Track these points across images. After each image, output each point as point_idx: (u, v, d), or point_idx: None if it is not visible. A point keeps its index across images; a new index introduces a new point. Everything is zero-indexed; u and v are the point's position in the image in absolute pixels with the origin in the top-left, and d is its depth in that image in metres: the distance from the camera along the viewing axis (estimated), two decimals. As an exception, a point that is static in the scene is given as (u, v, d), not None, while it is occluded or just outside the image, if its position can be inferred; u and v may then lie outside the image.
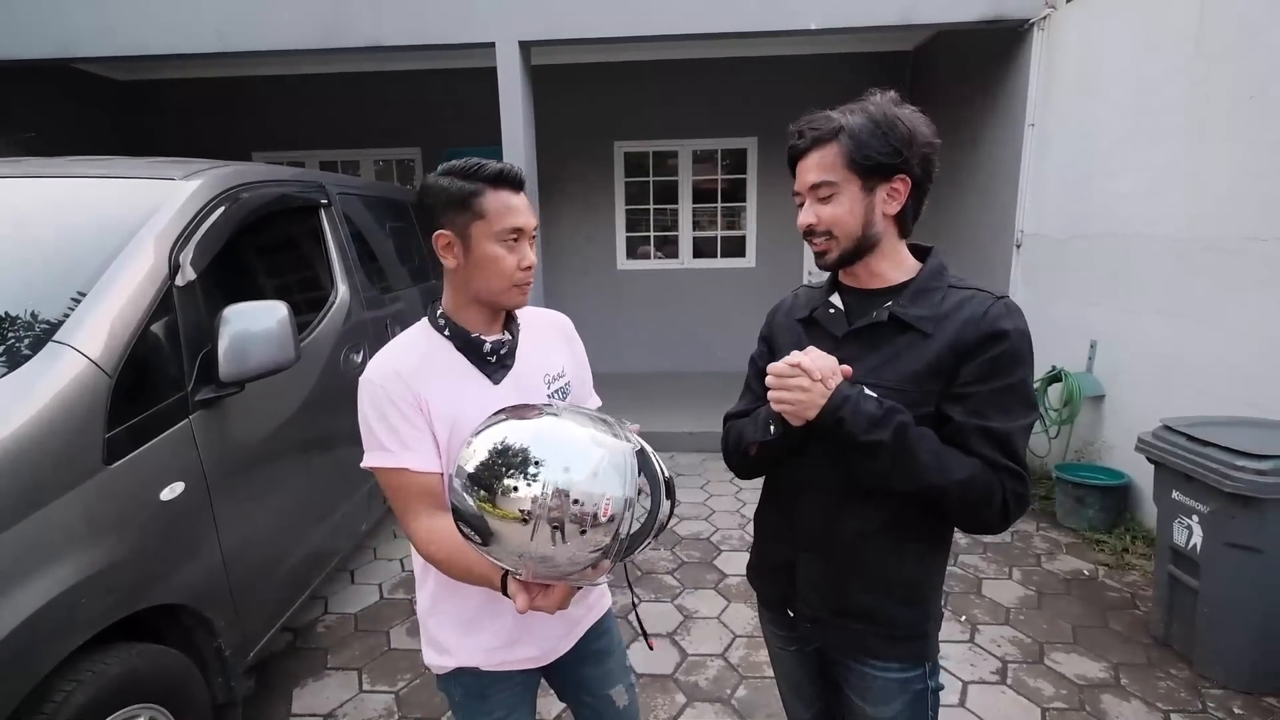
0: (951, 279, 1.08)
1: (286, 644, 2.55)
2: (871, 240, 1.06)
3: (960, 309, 1.03)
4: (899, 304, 1.06)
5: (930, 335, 1.03)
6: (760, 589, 1.31)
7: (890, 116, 1.02)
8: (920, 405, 1.03)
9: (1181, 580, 2.35)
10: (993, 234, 4.49)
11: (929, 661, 1.15)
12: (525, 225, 1.08)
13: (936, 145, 1.05)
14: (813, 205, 1.06)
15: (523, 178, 1.10)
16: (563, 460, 0.84)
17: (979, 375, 1.00)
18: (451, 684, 1.23)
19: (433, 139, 6.26)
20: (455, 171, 1.06)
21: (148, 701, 1.56)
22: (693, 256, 6.49)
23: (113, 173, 2.02)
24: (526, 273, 1.10)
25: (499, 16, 4.04)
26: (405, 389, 1.05)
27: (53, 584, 1.33)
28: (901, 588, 1.11)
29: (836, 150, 1.02)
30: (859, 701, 1.17)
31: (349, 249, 2.86)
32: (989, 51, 4.46)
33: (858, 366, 1.06)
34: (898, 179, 1.03)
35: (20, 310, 1.58)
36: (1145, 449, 2.45)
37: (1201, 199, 2.91)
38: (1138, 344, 3.27)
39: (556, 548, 0.84)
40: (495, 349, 1.13)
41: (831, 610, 1.14)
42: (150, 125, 6.34)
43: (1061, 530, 3.37)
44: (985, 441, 0.99)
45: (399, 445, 1.05)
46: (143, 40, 4.14)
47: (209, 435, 1.81)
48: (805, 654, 1.27)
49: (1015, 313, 1.03)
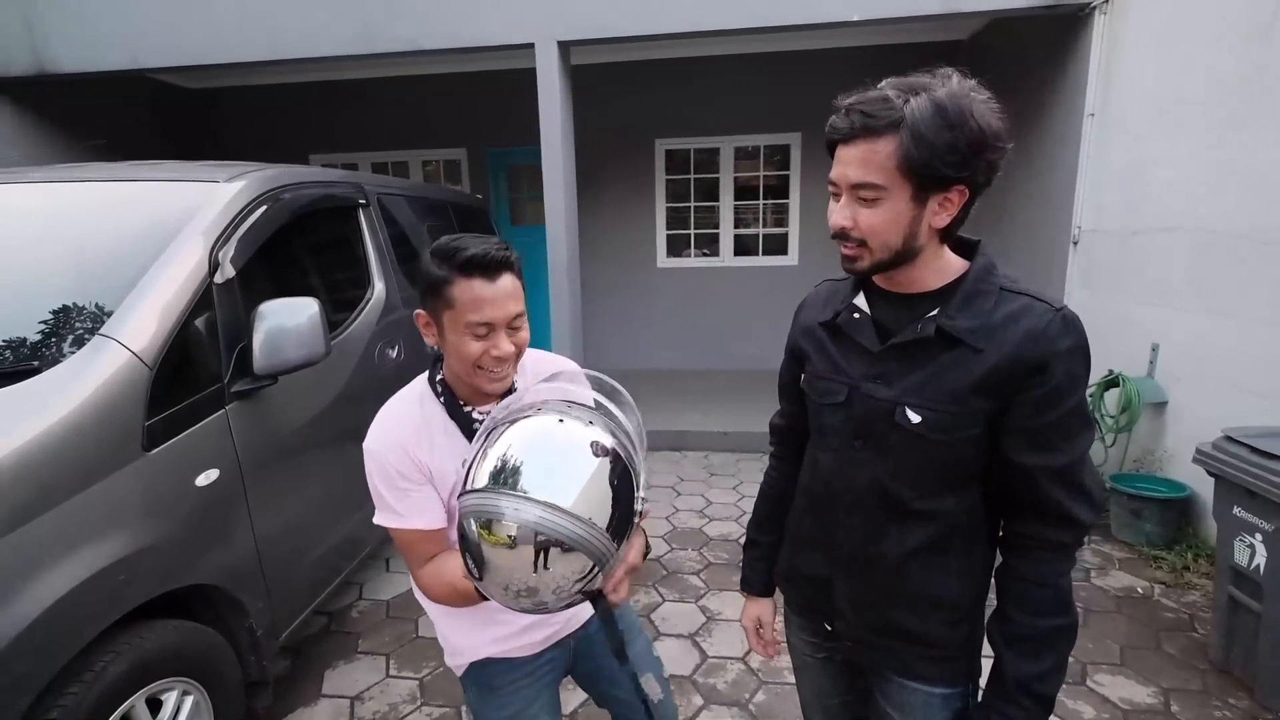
0: (1002, 279, 0.95)
1: (321, 627, 2.66)
2: (911, 254, 0.93)
3: (1015, 321, 0.91)
4: (946, 314, 0.93)
5: (981, 350, 0.91)
6: (791, 596, 1.24)
7: (965, 110, 0.83)
8: (966, 427, 0.93)
9: (1242, 603, 2.18)
10: (1048, 231, 4.27)
11: (972, 681, 1.10)
12: (494, 319, 1.01)
13: (1007, 148, 0.88)
14: (850, 205, 0.91)
15: (505, 261, 1.01)
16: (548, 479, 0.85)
17: (1042, 405, 0.90)
18: (468, 680, 1.26)
19: (477, 140, 6.40)
20: (436, 252, 1.02)
21: (182, 676, 1.65)
22: (734, 254, 6.43)
23: (163, 176, 2.14)
24: (496, 361, 1.04)
25: (537, 18, 4.09)
26: (406, 458, 1.07)
27: (92, 561, 1.42)
28: (946, 608, 1.04)
29: (892, 147, 0.85)
30: (895, 715, 1.11)
31: (386, 248, 2.95)
32: (1048, 39, 4.23)
33: (897, 384, 0.97)
34: (955, 189, 0.88)
35: (73, 304, 1.70)
36: (1204, 461, 2.28)
37: (1273, 193, 2.69)
38: (1203, 348, 3.05)
39: (539, 575, 0.85)
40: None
41: (872, 630, 1.08)
42: (217, 130, 6.70)
43: (1116, 544, 3.18)
44: (1052, 483, 0.92)
45: (408, 509, 1.08)
46: (203, 50, 4.38)
47: (244, 425, 1.89)
48: (835, 663, 1.22)
49: (1074, 327, 0.91)
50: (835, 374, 1.05)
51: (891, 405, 0.97)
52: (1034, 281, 0.98)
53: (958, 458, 0.96)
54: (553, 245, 4.34)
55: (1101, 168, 3.81)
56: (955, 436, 0.94)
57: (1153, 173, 3.36)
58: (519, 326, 1.06)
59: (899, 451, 0.98)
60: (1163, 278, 3.31)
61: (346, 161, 6.50)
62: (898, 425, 0.97)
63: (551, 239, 4.34)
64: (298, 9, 4.25)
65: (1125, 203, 3.58)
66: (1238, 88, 2.83)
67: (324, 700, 2.25)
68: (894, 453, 0.99)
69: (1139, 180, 3.47)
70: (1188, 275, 3.13)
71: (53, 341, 1.63)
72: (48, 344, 1.64)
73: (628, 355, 6.51)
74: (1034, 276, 4.38)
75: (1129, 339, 3.50)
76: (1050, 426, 0.91)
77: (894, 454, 0.99)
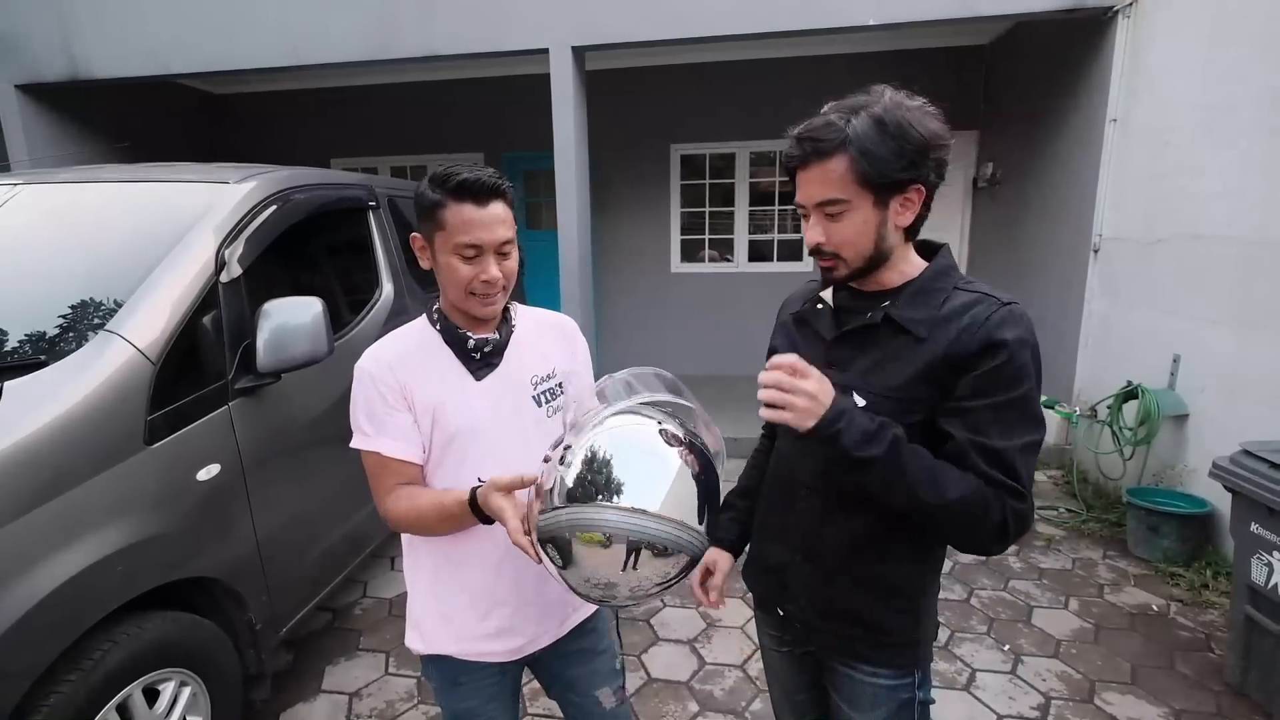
0: (959, 280, 1.00)
1: (325, 623, 2.69)
2: (884, 255, 0.99)
3: (961, 314, 0.96)
4: (894, 305, 0.99)
5: (924, 339, 0.96)
6: (754, 588, 1.28)
7: (901, 121, 0.91)
8: (910, 413, 0.97)
9: (1259, 622, 2.11)
10: (1068, 238, 4.18)
11: (919, 671, 1.12)
12: (483, 241, 1.05)
13: (950, 144, 0.96)
14: (819, 222, 0.98)
15: (496, 188, 1.06)
16: (644, 481, 0.90)
17: (978, 389, 0.93)
18: (429, 668, 1.27)
19: (494, 143, 6.45)
20: (432, 178, 1.08)
21: (179, 667, 1.68)
22: (749, 260, 6.39)
23: (176, 177, 2.19)
24: (485, 285, 1.08)
25: (552, 23, 4.13)
26: (392, 377, 1.11)
27: (91, 551, 1.46)
28: (891, 593, 1.08)
29: (845, 164, 0.92)
30: (845, 707, 1.15)
31: (396, 250, 2.98)
32: (1070, 43, 4.16)
33: (847, 370, 1.02)
34: (912, 189, 0.95)
35: (83, 301, 1.74)
36: (1221, 475, 2.21)
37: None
38: (1228, 359, 2.96)
39: (625, 574, 0.90)
40: (479, 346, 1.16)
41: (820, 613, 1.12)
42: (239, 134, 6.85)
43: (1131, 560, 3.09)
44: (984, 458, 0.93)
45: (376, 431, 1.12)
46: (225, 56, 4.50)
47: (247, 421, 1.93)
48: (797, 657, 1.25)
49: (1020, 320, 0.94)
50: None
51: (840, 390, 0.99)
52: (1053, 290, 1.00)
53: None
54: (565, 249, 4.36)
55: (1124, 175, 3.72)
56: (900, 422, 0.95)
57: (1178, 180, 3.27)
58: (507, 254, 1.10)
59: None
60: (1186, 287, 3.21)
61: (366, 165, 6.60)
62: None
63: (564, 243, 4.36)
64: (319, 16, 4.33)
65: (1148, 211, 3.49)
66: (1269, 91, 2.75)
67: (322, 696, 2.28)
68: None
69: (1163, 187, 3.38)
70: (1215, 285, 3.04)
71: (60, 336, 1.68)
72: (56, 339, 1.68)
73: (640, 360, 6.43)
74: (1053, 285, 4.30)
75: (1150, 350, 3.41)
76: (984, 411, 0.93)
77: None
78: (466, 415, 1.13)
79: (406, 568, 1.27)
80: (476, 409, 1.14)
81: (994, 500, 0.92)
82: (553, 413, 1.21)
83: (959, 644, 2.48)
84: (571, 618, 1.29)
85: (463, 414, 1.13)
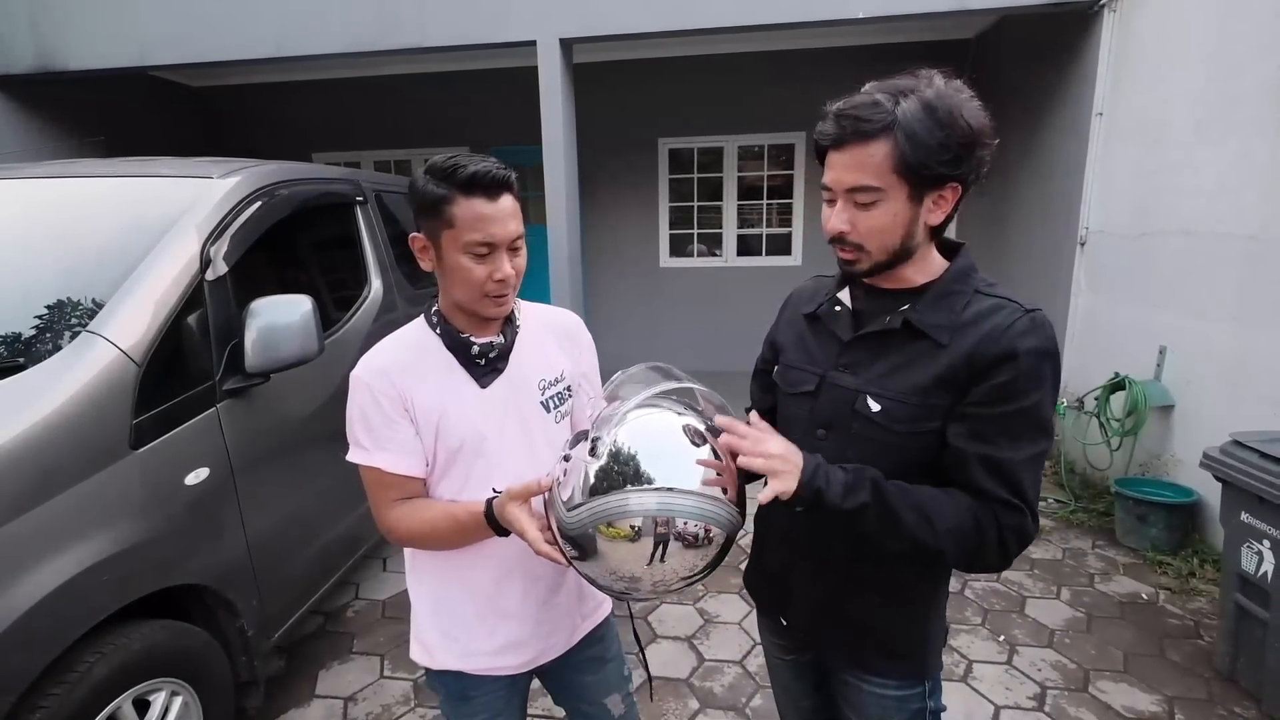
0: (980, 282, 0.96)
1: (317, 627, 2.64)
2: (908, 252, 0.94)
3: (983, 320, 0.92)
4: (915, 309, 0.95)
5: (945, 345, 0.92)
6: (756, 595, 1.26)
7: (953, 109, 0.85)
8: (924, 420, 0.94)
9: (1249, 610, 2.14)
10: (1054, 231, 4.22)
11: (928, 679, 1.10)
12: (496, 238, 0.99)
13: (994, 144, 0.90)
14: (847, 209, 0.91)
15: (505, 180, 1.00)
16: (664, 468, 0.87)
17: (989, 397, 0.90)
18: (436, 682, 1.23)
19: (479, 138, 6.38)
20: (433, 171, 0.99)
21: (170, 676, 1.63)
22: (737, 254, 6.39)
23: (156, 172, 2.13)
24: (499, 285, 1.02)
25: (539, 15, 4.07)
26: (390, 387, 1.05)
27: (77, 561, 1.41)
28: (898, 600, 1.05)
29: (886, 150, 0.85)
30: (853, 717, 1.12)
31: (384, 246, 2.93)
32: (1057, 37, 4.18)
33: (862, 374, 0.99)
34: (949, 186, 0.89)
35: (62, 301, 1.68)
36: (1211, 465, 2.24)
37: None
38: (1211, 351, 3.00)
39: (650, 567, 0.87)
40: (484, 351, 1.09)
41: (824, 620, 1.09)
42: (221, 128, 6.71)
43: (1120, 549, 3.13)
44: (985, 471, 0.90)
45: (373, 445, 1.06)
46: (209, 48, 4.38)
47: (235, 423, 1.88)
48: (802, 665, 1.23)
49: (1041, 329, 0.91)
50: (808, 364, 1.07)
51: (854, 394, 0.97)
52: (1040, 283, 0.98)
53: (915, 451, 0.96)
54: (554, 244, 4.32)
55: (1109, 168, 3.76)
56: (914, 429, 0.94)
57: (1163, 174, 3.30)
58: (519, 248, 1.04)
59: (860, 441, 0.98)
60: (1172, 280, 3.25)
61: (349, 160, 6.48)
62: (858, 413, 0.98)
63: (553, 238, 4.32)
64: (302, 7, 4.24)
65: (1136, 204, 3.53)
66: (1254, 86, 2.78)
67: (317, 701, 2.24)
68: (855, 442, 0.99)
69: (1149, 181, 3.41)
70: (1198, 278, 3.08)
71: (40, 338, 1.62)
72: (35, 340, 1.62)
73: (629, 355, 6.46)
74: (1039, 277, 4.33)
75: (1136, 342, 3.45)
76: (992, 420, 0.90)
77: (855, 443, 0.99)
78: (471, 425, 1.07)
79: (409, 580, 1.22)
80: (482, 418, 1.08)
81: (986, 521, 0.90)
82: (560, 418, 1.16)
83: (955, 636, 2.49)
84: (581, 627, 1.26)
85: (467, 423, 1.07)
